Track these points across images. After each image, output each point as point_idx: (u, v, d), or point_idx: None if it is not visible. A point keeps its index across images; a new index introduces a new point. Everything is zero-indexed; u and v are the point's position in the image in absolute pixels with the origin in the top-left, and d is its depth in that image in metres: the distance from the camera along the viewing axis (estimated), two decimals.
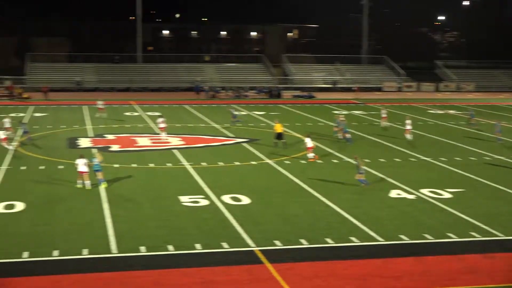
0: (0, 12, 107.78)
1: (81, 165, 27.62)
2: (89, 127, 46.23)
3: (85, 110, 55.82)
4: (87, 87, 77.24)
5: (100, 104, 51.67)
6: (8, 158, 33.87)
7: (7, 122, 40.03)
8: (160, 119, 42.42)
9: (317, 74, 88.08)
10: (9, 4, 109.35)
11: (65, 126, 46.20)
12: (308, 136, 34.54)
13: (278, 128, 38.03)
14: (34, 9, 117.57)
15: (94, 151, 29.39)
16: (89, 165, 27.93)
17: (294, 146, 37.86)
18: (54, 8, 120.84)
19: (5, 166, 31.89)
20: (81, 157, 27.97)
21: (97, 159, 28.11)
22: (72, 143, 39.13)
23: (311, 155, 34.26)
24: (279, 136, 37.97)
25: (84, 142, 39.61)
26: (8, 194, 26.62)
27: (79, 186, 27.76)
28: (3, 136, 36.47)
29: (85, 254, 19.65)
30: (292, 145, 38.31)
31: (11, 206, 24.75)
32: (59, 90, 72.90)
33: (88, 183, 27.68)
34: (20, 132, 40.61)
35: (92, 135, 42.44)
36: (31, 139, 39.48)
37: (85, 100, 62.71)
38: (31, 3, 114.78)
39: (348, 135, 40.46)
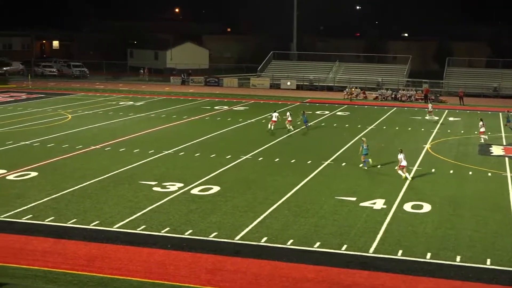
0: (423, 17, 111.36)
1: (403, 159, 29.82)
2: (503, 134, 44.87)
3: (501, 117, 54.30)
4: (504, 93, 74.88)
5: (430, 107, 52.64)
6: (419, 160, 34.86)
7: (289, 115, 44.50)
8: (481, 123, 41.63)
9: None
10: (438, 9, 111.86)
11: (477, 133, 45.60)
12: None
13: None
14: (457, 14, 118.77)
15: (364, 138, 33.65)
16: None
17: None
18: (475, 13, 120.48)
19: (415, 167, 32.85)
20: (401, 152, 30.08)
21: (365, 145, 32.13)
22: (484, 150, 38.45)
23: None
24: None
25: (496, 150, 38.61)
26: (415, 194, 27.42)
27: (409, 179, 29.67)
28: (274, 119, 43.48)
29: (488, 264, 19.20)
30: None
31: (419, 207, 25.45)
32: (475, 96, 72.21)
33: (407, 175, 29.85)
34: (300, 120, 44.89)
35: (505, 143, 41.10)
36: (307, 127, 44.41)
37: (501, 107, 61.01)
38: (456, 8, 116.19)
39: None
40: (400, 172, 30.10)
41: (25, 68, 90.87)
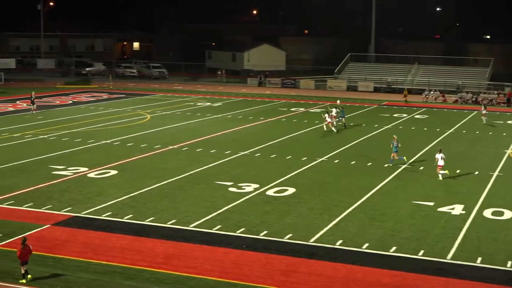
0: (507, 19, 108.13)
1: (440, 159, 30.13)
2: None
3: None
4: None
5: (483, 111, 51.27)
6: (500, 165, 33.91)
7: (333, 111, 45.26)
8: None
9: None
10: None
11: None
12: None
13: None
14: None
15: (395, 136, 33.73)
16: None
17: None
18: None
19: (496, 173, 31.99)
20: (440, 151, 30.32)
21: (395, 142, 32.85)
22: None
23: None
24: None
25: None
26: (496, 200, 26.67)
27: (440, 178, 30.05)
28: (328, 120, 43.83)
29: None
30: None
31: (499, 213, 24.74)
32: None
33: (444, 173, 30.19)
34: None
35: None
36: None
37: None
38: None
39: None
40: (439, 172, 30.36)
41: (106, 69, 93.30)
